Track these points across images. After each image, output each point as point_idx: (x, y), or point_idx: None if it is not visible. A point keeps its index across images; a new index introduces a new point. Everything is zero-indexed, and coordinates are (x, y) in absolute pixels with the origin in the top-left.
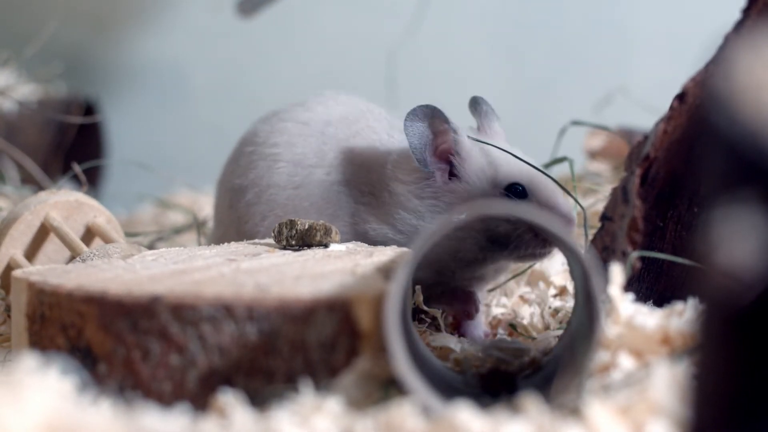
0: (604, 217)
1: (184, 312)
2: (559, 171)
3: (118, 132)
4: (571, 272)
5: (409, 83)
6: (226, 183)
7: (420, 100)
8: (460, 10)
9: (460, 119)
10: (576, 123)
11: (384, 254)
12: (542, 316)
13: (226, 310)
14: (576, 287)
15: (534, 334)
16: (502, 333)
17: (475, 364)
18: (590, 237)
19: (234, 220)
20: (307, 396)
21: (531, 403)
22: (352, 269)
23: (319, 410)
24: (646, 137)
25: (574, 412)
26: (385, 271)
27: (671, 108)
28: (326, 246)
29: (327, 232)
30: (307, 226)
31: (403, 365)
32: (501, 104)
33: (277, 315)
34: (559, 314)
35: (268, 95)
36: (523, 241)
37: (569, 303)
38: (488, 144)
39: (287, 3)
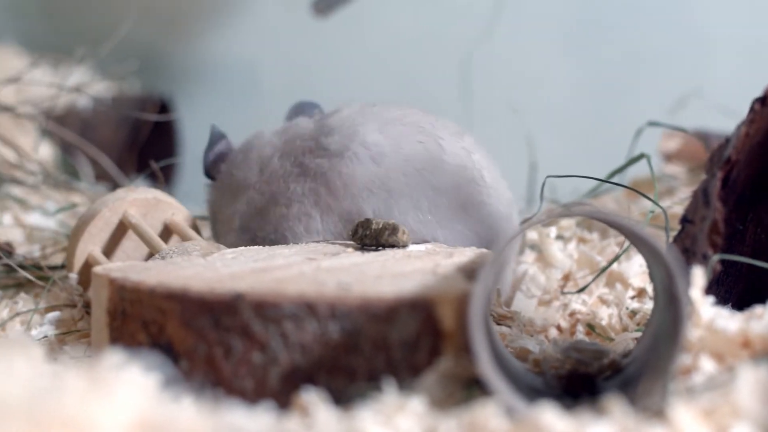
0: (685, 220)
1: (266, 310)
2: (635, 172)
3: (191, 130)
4: (651, 274)
5: (483, 85)
6: None
7: (494, 101)
8: (534, 12)
9: (534, 121)
10: (652, 124)
11: (464, 255)
12: (620, 318)
13: (309, 308)
14: (656, 289)
15: (612, 335)
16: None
17: (554, 365)
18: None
19: None
20: (390, 395)
21: (615, 405)
22: (433, 269)
23: (403, 410)
24: (727, 140)
25: (658, 415)
26: (467, 272)
27: (753, 111)
28: (394, 245)
29: (393, 231)
30: (381, 226)
31: (486, 366)
32: (575, 105)
33: (360, 314)
34: (637, 316)
35: (341, 96)
36: None
37: (647, 305)
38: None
39: (362, 3)
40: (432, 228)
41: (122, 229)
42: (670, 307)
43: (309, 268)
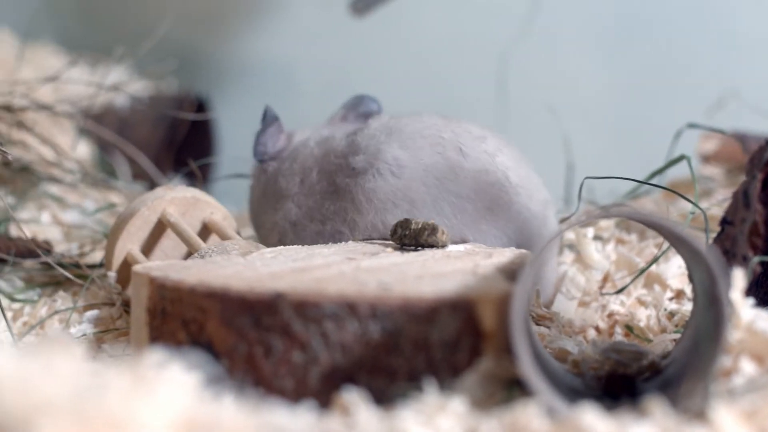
0: (725, 221)
1: (307, 309)
2: (672, 173)
3: (228, 129)
4: (690, 275)
5: (519, 85)
6: None
7: (530, 102)
8: (571, 12)
9: (571, 121)
10: (692, 126)
11: (503, 255)
12: (658, 319)
13: (349, 308)
14: (696, 290)
15: (650, 336)
16: (618, 334)
17: (593, 366)
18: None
19: None
20: (431, 395)
21: (656, 406)
22: (473, 269)
23: (444, 410)
24: (767, 142)
25: (699, 416)
26: (506, 272)
27: None
28: (433, 245)
29: (433, 231)
30: (420, 226)
31: (528, 367)
32: (612, 106)
33: (401, 314)
34: (675, 317)
35: (377, 96)
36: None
37: (685, 306)
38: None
39: (399, 3)
40: (458, 231)
41: (161, 227)
42: (711, 309)
43: (349, 268)
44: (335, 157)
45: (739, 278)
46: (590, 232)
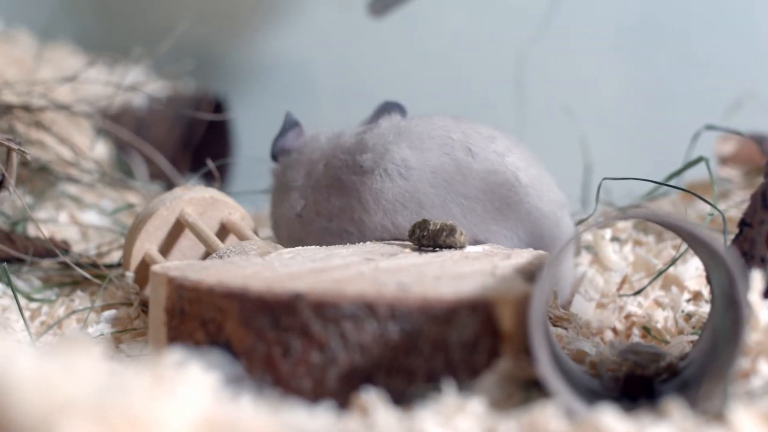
0: (743, 223)
1: (326, 310)
2: (689, 175)
3: (245, 129)
4: (708, 277)
5: (537, 86)
6: None
7: (548, 103)
8: (588, 13)
9: (588, 122)
10: (710, 127)
11: (521, 256)
12: (675, 321)
13: (368, 308)
14: (715, 292)
15: (667, 337)
16: (636, 335)
17: (611, 367)
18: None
19: None
20: (449, 396)
21: (675, 407)
22: (492, 270)
23: (462, 410)
24: None
25: (718, 418)
26: (525, 273)
27: None
28: (451, 246)
29: (451, 232)
30: (438, 227)
31: (546, 367)
32: (629, 107)
33: (419, 314)
34: (693, 319)
35: (395, 96)
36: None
37: (703, 308)
38: None
39: (416, 3)
40: (468, 231)
41: (179, 227)
42: (729, 311)
43: (367, 269)
44: (342, 153)
45: (757, 280)
46: (608, 233)
